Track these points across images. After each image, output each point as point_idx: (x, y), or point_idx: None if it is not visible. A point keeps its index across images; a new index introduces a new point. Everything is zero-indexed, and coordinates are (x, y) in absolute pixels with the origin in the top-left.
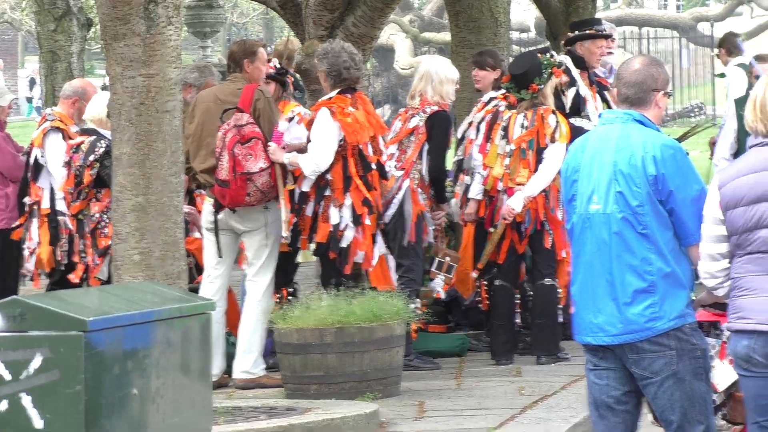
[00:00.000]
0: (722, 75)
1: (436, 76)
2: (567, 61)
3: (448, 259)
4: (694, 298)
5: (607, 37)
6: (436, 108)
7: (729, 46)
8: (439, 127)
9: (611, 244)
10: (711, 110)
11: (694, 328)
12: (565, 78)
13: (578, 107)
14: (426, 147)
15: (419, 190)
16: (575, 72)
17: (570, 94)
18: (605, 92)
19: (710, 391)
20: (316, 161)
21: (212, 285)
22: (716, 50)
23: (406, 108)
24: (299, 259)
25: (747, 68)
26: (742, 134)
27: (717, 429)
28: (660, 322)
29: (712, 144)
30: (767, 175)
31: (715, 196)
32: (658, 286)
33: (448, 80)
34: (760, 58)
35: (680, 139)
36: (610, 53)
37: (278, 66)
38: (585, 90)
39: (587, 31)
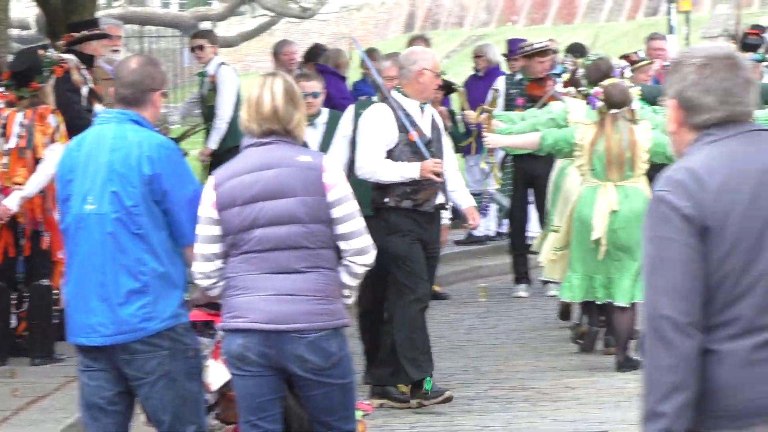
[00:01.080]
0: (202, 74)
1: None
2: (76, 60)
3: None
4: (188, 298)
5: (111, 36)
6: None
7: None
8: None
9: (105, 245)
10: None
11: (187, 328)
12: (79, 77)
13: (91, 106)
14: None
15: None
16: (85, 71)
17: (84, 92)
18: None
19: (202, 391)
20: None
21: None
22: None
23: None
24: None
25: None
26: None
27: (210, 428)
28: (153, 323)
29: None
30: (263, 174)
31: (210, 197)
32: (151, 287)
33: None
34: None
35: (178, 140)
36: (117, 51)
37: None
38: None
39: (97, 32)
